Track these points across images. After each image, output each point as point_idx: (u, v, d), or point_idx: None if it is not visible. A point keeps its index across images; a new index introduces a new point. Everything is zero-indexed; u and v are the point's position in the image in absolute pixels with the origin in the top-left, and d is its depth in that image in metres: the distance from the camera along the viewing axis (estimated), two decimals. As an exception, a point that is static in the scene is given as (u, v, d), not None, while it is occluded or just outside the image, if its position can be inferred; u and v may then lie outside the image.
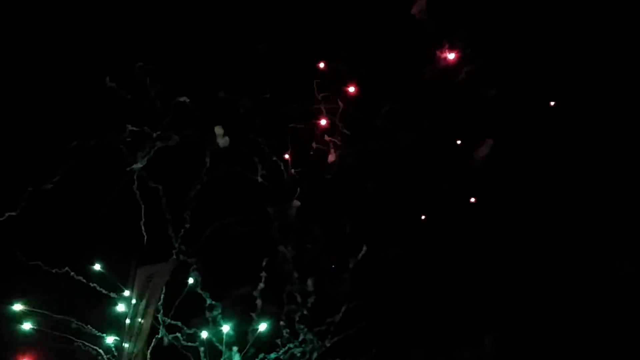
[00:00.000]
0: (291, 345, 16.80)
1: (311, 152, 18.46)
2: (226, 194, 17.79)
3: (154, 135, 17.19)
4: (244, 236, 17.62)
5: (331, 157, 18.54)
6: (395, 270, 17.21)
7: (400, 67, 18.05)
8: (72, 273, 16.32)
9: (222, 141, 17.39)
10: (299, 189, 18.05)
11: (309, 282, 17.31)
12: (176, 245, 16.98)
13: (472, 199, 17.88)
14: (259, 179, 18.00)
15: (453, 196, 17.72)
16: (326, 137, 18.48)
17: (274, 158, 18.11)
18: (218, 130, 17.23)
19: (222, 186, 17.77)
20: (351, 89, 18.27)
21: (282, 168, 18.23)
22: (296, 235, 17.87)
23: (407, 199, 17.80)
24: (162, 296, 16.38)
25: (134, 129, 17.14)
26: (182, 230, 17.00)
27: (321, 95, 18.25)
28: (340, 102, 18.21)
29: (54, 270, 16.17)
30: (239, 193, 17.94)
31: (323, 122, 18.43)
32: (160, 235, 17.05)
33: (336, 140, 18.48)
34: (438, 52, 18.19)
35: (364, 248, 17.27)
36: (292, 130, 18.32)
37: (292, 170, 18.26)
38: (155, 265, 16.07)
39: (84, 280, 16.28)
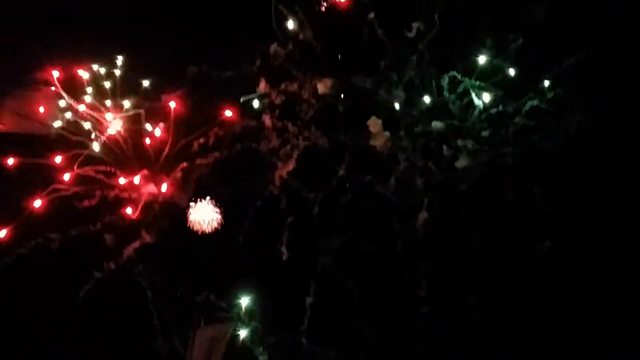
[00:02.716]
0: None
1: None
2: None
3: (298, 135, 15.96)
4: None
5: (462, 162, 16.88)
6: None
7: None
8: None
9: (380, 140, 15.73)
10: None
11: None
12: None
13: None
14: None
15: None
16: (459, 142, 16.83)
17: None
18: (374, 125, 15.57)
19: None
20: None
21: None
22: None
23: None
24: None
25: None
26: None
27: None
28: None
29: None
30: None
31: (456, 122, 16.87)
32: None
33: (467, 144, 16.85)
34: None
35: (547, 244, 15.47)
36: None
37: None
38: (215, 327, 14.99)
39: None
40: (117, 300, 15.29)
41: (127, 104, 16.36)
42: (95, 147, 15.97)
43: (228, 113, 16.27)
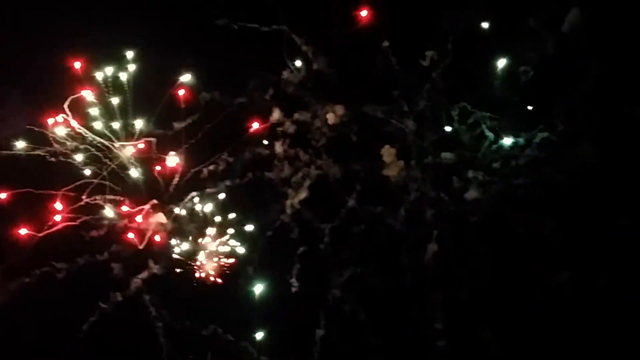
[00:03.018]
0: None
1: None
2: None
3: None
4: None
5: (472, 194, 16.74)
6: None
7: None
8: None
9: (394, 170, 15.63)
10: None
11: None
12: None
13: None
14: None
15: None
16: (470, 174, 16.72)
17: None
18: (388, 154, 15.50)
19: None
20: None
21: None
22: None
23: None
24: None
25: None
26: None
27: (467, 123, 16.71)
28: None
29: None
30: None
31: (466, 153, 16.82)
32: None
33: (478, 175, 16.74)
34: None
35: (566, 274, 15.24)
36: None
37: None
38: None
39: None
40: (124, 332, 14.92)
41: (139, 123, 16.07)
42: (108, 212, 15.71)
43: (255, 125, 16.12)
